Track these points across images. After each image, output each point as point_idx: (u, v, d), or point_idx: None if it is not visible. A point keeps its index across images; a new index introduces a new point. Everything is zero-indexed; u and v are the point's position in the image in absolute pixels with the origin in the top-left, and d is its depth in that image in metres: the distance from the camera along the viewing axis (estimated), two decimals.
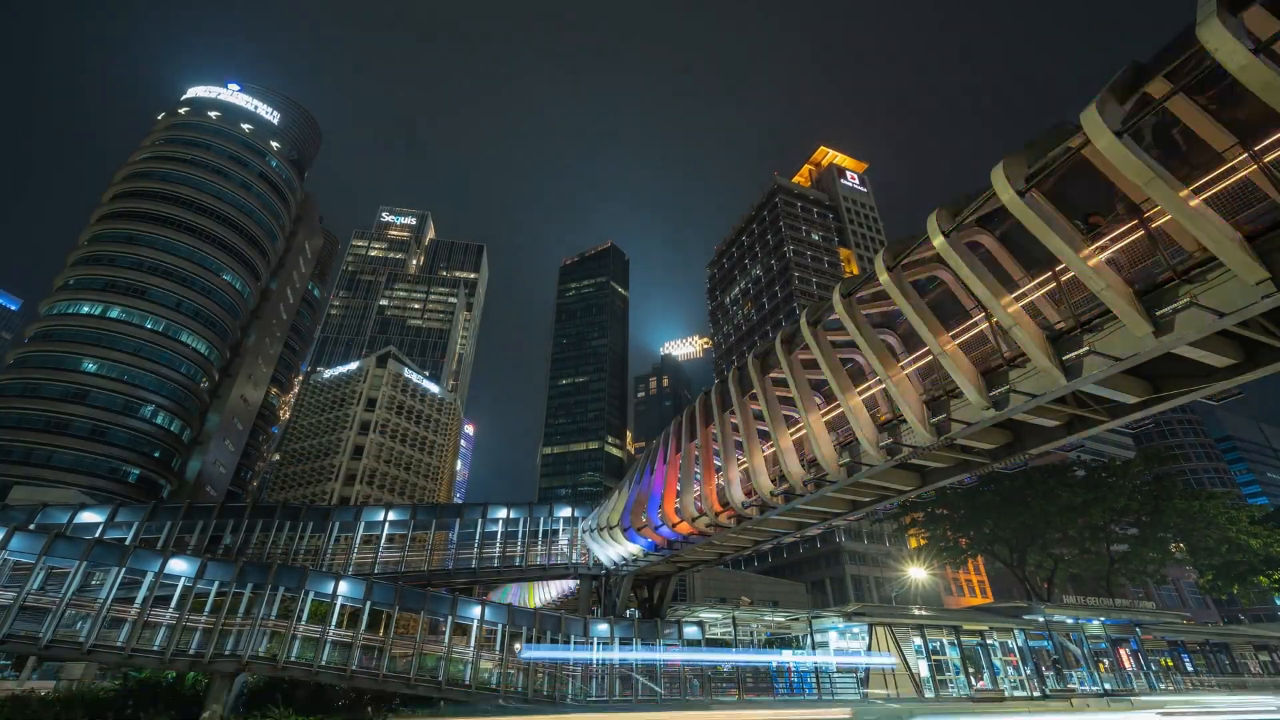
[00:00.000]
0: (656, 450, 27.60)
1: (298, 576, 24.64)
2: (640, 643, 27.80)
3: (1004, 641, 36.08)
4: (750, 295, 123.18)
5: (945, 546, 57.86)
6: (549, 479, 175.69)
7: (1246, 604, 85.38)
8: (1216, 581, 57.00)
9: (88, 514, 31.72)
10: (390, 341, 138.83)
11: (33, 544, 22.88)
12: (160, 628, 22.43)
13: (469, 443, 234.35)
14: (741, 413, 20.56)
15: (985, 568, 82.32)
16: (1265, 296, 8.70)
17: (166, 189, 77.81)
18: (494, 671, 25.21)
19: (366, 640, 23.78)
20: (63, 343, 68.49)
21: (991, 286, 11.86)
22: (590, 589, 34.97)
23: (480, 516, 34.63)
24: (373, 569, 32.06)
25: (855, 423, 15.73)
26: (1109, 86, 9.60)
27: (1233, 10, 7.96)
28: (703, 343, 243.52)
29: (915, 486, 18.79)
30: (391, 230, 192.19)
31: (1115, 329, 10.60)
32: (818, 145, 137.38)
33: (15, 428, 62.62)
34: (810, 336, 16.61)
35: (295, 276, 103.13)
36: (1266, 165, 8.58)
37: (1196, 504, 51.30)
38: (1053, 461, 53.16)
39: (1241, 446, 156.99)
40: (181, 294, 74.59)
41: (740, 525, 22.83)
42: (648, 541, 27.21)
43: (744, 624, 34.02)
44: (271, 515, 33.02)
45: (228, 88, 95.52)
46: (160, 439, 70.36)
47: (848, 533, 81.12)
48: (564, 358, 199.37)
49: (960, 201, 12.58)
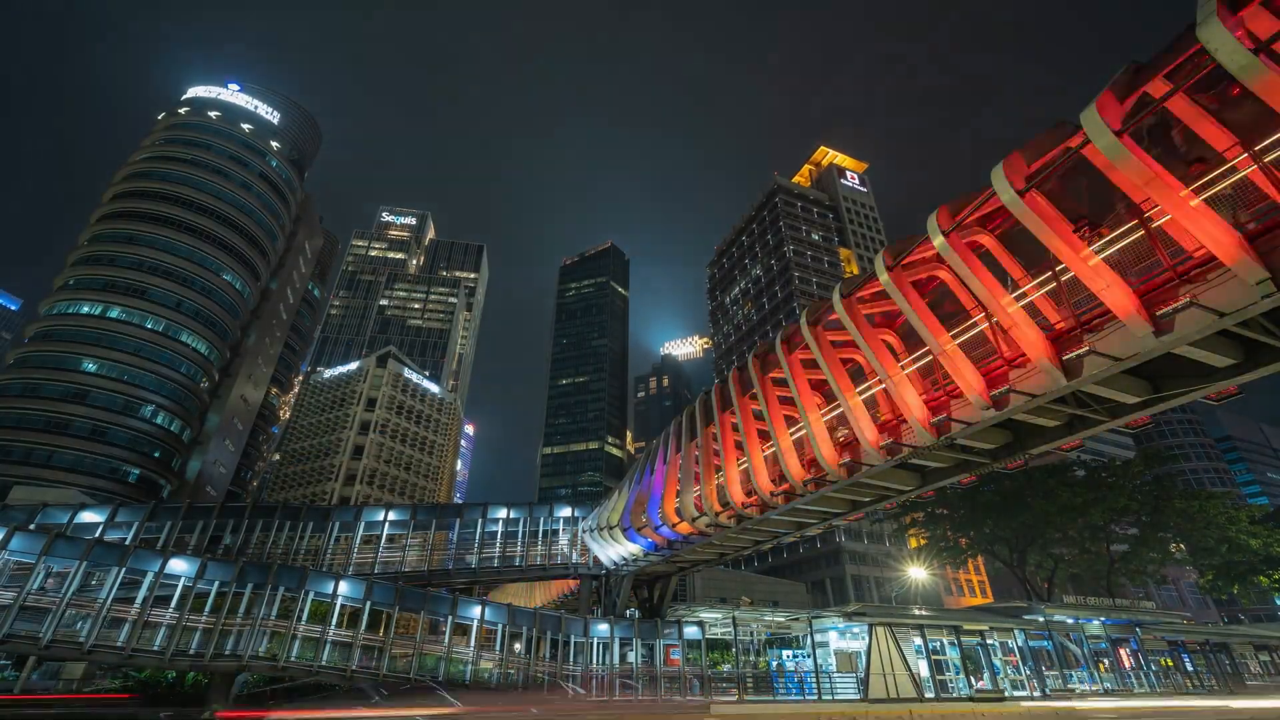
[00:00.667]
0: (656, 450, 27.59)
1: (298, 576, 24.64)
2: (640, 642, 27.80)
3: (1004, 641, 36.06)
4: (750, 295, 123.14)
5: (945, 546, 57.82)
6: (549, 479, 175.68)
7: (1246, 604, 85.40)
8: (1216, 581, 56.95)
9: (88, 514, 31.71)
10: (390, 341, 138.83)
11: (33, 544, 22.88)
12: (160, 628, 22.43)
13: (469, 443, 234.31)
14: (741, 413, 20.56)
15: (985, 568, 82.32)
16: (1265, 296, 8.70)
17: (167, 189, 77.77)
18: (494, 671, 25.22)
19: (366, 640, 23.78)
20: (63, 343, 68.45)
21: (991, 286, 11.86)
22: (590, 589, 34.97)
23: (480, 516, 34.62)
24: (373, 569, 32.05)
25: (855, 423, 15.73)
26: (1109, 86, 9.60)
27: (1233, 10, 7.96)
28: (703, 343, 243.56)
29: (915, 486, 18.78)
30: (391, 230, 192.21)
31: (1115, 329, 10.59)
32: (818, 145, 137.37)
33: (15, 428, 62.59)
34: (810, 336, 16.60)
35: (295, 276, 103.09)
36: (1267, 165, 8.57)
37: (1196, 504, 51.26)
38: (1053, 461, 53.19)
39: (1241, 446, 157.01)
40: (181, 294, 74.56)
41: (740, 525, 22.83)
42: (648, 541, 27.21)
43: (744, 624, 34.00)
44: (271, 515, 33.02)
45: (228, 88, 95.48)
46: (160, 439, 70.34)
47: (848, 533, 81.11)
48: (564, 358, 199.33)
49: (960, 201, 12.58)
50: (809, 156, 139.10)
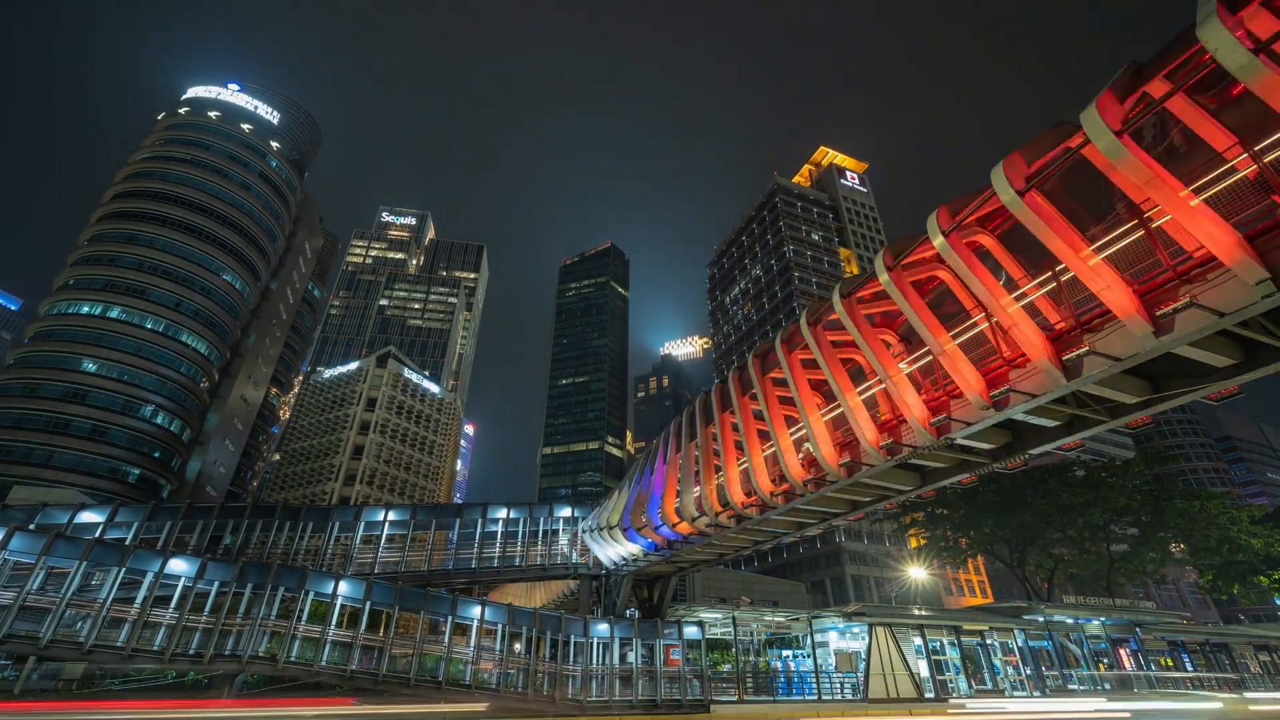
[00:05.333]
0: (656, 450, 27.59)
1: (298, 576, 24.64)
2: (640, 642, 27.80)
3: (1004, 641, 36.08)
4: (750, 295, 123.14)
5: (945, 546, 57.83)
6: (549, 479, 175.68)
7: (1246, 604, 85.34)
8: (1216, 581, 56.95)
9: (88, 514, 31.69)
10: (390, 341, 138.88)
11: (33, 544, 22.87)
12: (160, 628, 22.43)
13: (469, 443, 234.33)
14: (741, 413, 20.55)
15: (985, 568, 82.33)
16: (1265, 296, 8.69)
17: (166, 189, 77.76)
18: (494, 671, 25.21)
19: (366, 640, 23.78)
20: (63, 343, 68.43)
21: (991, 286, 11.86)
22: (590, 589, 34.97)
23: (480, 516, 34.62)
24: (373, 569, 32.05)
25: (855, 423, 15.72)
26: (1109, 86, 9.59)
27: (1232, 9, 7.96)
28: (703, 343, 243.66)
29: (915, 486, 18.77)
30: (391, 230, 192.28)
31: (1115, 329, 10.59)
32: (818, 145, 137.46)
33: (15, 428, 62.57)
34: (810, 336, 16.59)
35: (295, 276, 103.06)
36: (1267, 165, 8.57)
37: (1196, 504, 51.27)
38: (1053, 461, 53.21)
39: (1241, 446, 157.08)
40: (181, 294, 74.56)
41: (740, 525, 22.82)
42: (648, 541, 27.21)
43: (744, 624, 33.99)
44: (271, 515, 33.00)
45: (228, 88, 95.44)
46: (160, 439, 70.33)
47: (848, 533, 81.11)
48: (564, 358, 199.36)
49: (960, 201, 12.58)
50: (809, 156, 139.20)
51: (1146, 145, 10.03)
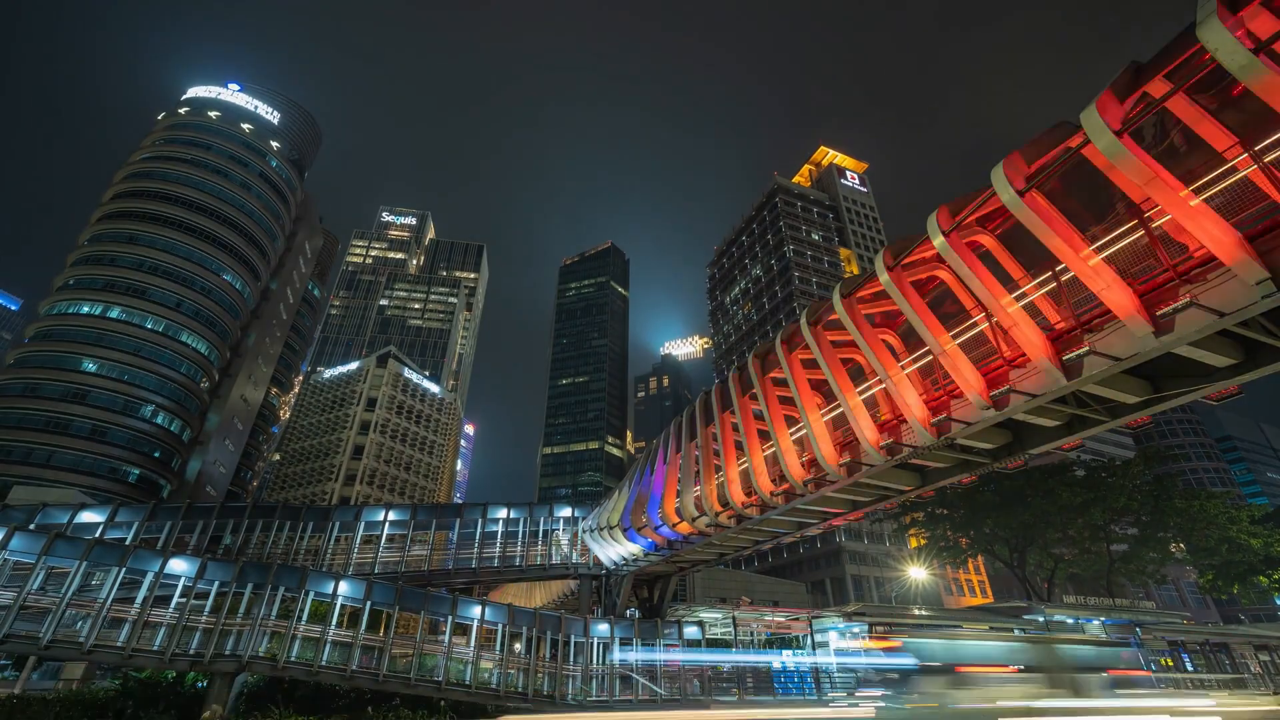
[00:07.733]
0: (656, 450, 27.59)
1: (298, 576, 24.62)
2: (640, 643, 27.79)
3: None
4: (750, 295, 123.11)
5: (945, 546, 57.81)
6: (549, 479, 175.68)
7: (1246, 604, 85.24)
8: (1216, 581, 56.92)
9: (88, 514, 31.68)
10: (390, 341, 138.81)
11: (33, 544, 22.86)
12: (160, 628, 22.41)
13: (469, 443, 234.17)
14: (741, 413, 20.55)
15: (985, 568, 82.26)
16: (1265, 296, 8.70)
17: (167, 189, 77.77)
18: (494, 671, 25.20)
19: (366, 640, 23.76)
20: (63, 343, 68.45)
21: (991, 286, 11.86)
22: (590, 589, 34.96)
23: (480, 516, 34.60)
24: (373, 569, 32.04)
25: (855, 423, 15.72)
26: (1109, 86, 9.59)
27: (1232, 9, 7.96)
28: (703, 343, 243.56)
29: (915, 486, 18.77)
30: (391, 230, 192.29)
31: (1115, 329, 10.59)
32: (818, 145, 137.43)
33: (15, 428, 62.59)
34: (810, 336, 16.59)
35: (295, 276, 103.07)
36: (1267, 165, 8.58)
37: (1196, 504, 51.21)
38: (1053, 461, 53.18)
39: (1241, 446, 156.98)
40: (181, 294, 74.56)
41: (740, 525, 22.83)
42: (648, 541, 27.21)
43: (744, 624, 34.00)
44: (271, 515, 32.99)
45: (228, 88, 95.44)
46: (160, 439, 70.33)
47: (848, 533, 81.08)
48: (564, 358, 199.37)
49: (960, 201, 12.58)
50: (809, 156, 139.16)
51: (1147, 145, 10.04)
